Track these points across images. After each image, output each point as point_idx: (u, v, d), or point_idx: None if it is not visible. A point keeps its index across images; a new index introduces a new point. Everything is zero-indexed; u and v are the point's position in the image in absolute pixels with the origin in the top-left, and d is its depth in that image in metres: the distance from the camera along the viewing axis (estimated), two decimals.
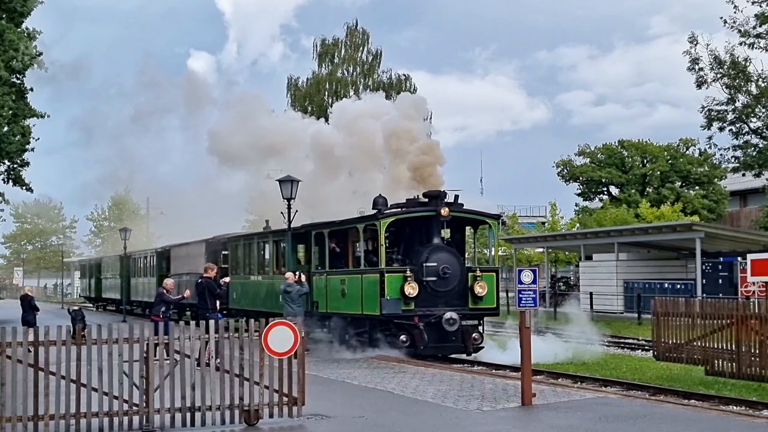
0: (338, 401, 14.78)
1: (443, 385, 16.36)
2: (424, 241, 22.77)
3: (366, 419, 12.98)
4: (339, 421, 12.86)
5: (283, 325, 12.65)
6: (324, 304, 24.82)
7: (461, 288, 22.34)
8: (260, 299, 29.15)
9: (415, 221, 22.82)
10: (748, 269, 23.93)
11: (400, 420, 12.84)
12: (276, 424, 12.40)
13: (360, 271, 23.17)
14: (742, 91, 31.53)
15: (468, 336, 22.07)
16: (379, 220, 22.25)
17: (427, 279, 21.82)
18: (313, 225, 26.00)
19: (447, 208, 22.24)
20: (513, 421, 12.63)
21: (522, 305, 14.26)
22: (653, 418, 12.58)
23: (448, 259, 22.26)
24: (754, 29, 30.92)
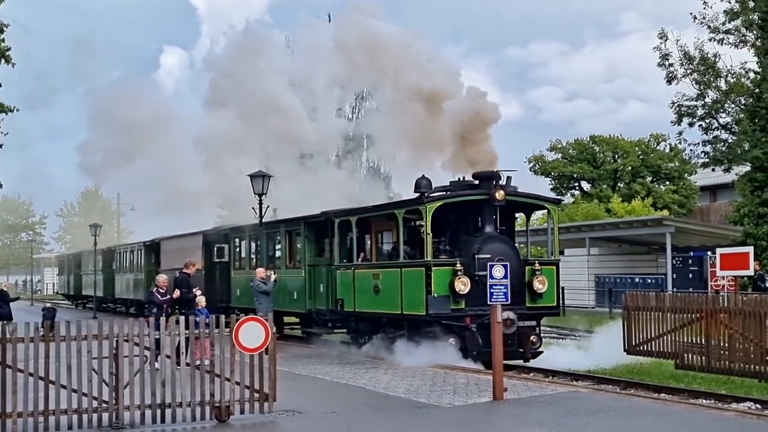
0: (310, 397, 14.75)
1: (416, 380, 16.36)
2: (474, 229, 20.05)
3: (338, 415, 12.95)
4: (310, 416, 12.83)
5: (254, 321, 12.62)
6: (350, 302, 22.00)
7: (518, 284, 19.06)
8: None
9: (463, 206, 19.89)
10: (717, 263, 24.12)
11: (372, 415, 12.83)
12: (247, 420, 12.35)
13: (400, 264, 20.23)
14: (712, 86, 31.73)
15: (525, 339, 19.28)
16: (424, 205, 19.25)
17: (479, 273, 18.53)
18: (335, 212, 23.15)
19: (502, 191, 19.34)
20: (484, 415, 12.65)
21: (493, 300, 14.23)
22: (623, 412, 12.64)
23: (503, 250, 19.33)
24: (723, 25, 31.13)
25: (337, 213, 23.02)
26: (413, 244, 20.72)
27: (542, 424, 11.69)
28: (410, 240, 20.83)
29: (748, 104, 30.99)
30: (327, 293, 23.16)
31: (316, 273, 24.01)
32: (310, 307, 24.10)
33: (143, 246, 41.55)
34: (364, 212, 22.25)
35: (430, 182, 20.17)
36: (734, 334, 17.23)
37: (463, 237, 19.90)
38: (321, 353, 22.36)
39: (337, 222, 22.64)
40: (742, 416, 12.43)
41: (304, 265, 24.38)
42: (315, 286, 24.01)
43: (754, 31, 30.64)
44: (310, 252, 24.39)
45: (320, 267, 23.82)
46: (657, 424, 11.71)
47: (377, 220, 22.18)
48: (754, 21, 30.43)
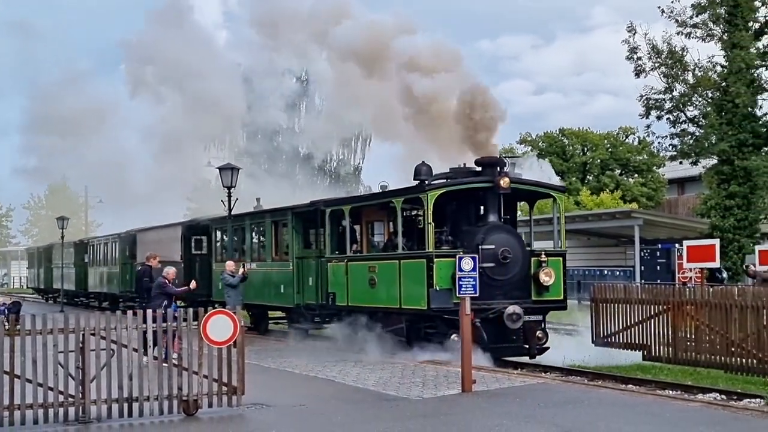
0: (279, 390, 14.72)
1: (385, 372, 16.37)
2: (477, 218, 19.28)
3: (306, 407, 12.94)
4: (279, 409, 12.80)
5: (222, 314, 12.56)
6: (343, 296, 21.07)
7: (523, 276, 18.71)
8: (254, 290, 25.65)
9: (466, 194, 19.05)
10: (683, 256, 24.29)
11: (341, 408, 12.82)
12: (215, 413, 12.30)
13: (398, 255, 19.25)
14: (680, 80, 31.96)
15: (531, 334, 18.41)
16: (425, 193, 18.33)
17: (483, 265, 17.75)
18: (326, 201, 22.42)
19: (507, 178, 18.47)
20: (452, 407, 12.66)
21: (462, 292, 14.24)
22: (591, 403, 12.72)
23: (508, 240, 18.57)
24: (690, 19, 31.38)
25: (328, 202, 22.24)
26: (410, 235, 19.92)
27: (510, 416, 11.74)
28: (407, 231, 19.89)
29: (714, 98, 31.24)
30: (317, 287, 22.36)
31: (304, 265, 23.24)
32: (298, 302, 23.32)
33: (118, 238, 40.28)
34: (359, 201, 21.44)
35: (431, 169, 18.97)
36: (701, 326, 17.38)
37: (466, 227, 19.12)
38: (291, 346, 22.31)
39: (328, 212, 21.78)
40: (707, 407, 12.54)
41: (292, 258, 23.59)
42: (304, 279, 23.21)
43: (721, 25, 30.89)
44: (298, 243, 23.60)
45: (309, 259, 23.07)
46: (624, 415, 11.78)
47: (372, 210, 21.32)
48: (720, 15, 30.68)
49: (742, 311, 16.48)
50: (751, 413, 11.92)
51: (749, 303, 16.44)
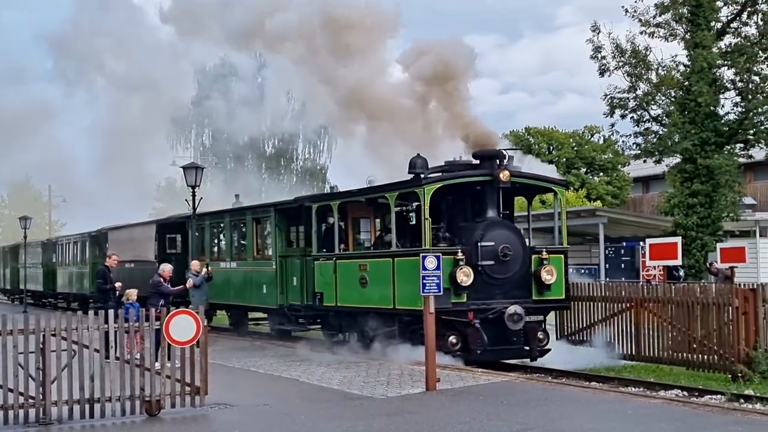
0: (243, 390, 14.68)
1: (350, 371, 16.37)
2: (474, 213, 18.40)
3: (270, 407, 12.92)
4: (243, 409, 12.77)
5: (185, 314, 12.49)
6: (331, 296, 20.12)
7: (523, 274, 17.92)
8: (233, 290, 25.06)
9: (462, 189, 18.20)
10: (647, 253, 24.47)
11: (305, 407, 12.80)
12: (178, 414, 12.25)
13: (392, 253, 18.31)
14: (643, 79, 32.13)
15: (532, 336, 17.66)
16: (422, 187, 17.38)
17: (482, 263, 17.25)
18: (313, 197, 21.85)
19: (507, 171, 17.73)
20: (416, 406, 12.68)
21: (426, 291, 14.21)
22: (554, 401, 12.78)
23: (508, 237, 17.78)
24: (654, 18, 31.56)
25: (314, 198, 21.49)
26: (401, 232, 19.06)
27: (473, 414, 11.77)
28: (398, 227, 19.05)
29: (677, 97, 31.42)
30: (302, 287, 21.57)
31: (288, 265, 22.41)
32: (281, 302, 22.46)
33: (88, 237, 39.01)
34: (349, 197, 20.33)
35: (426, 162, 17.93)
36: (663, 323, 17.53)
37: (463, 223, 18.33)
38: (257, 346, 22.25)
39: (315, 208, 20.92)
40: (668, 403, 12.65)
41: (275, 256, 22.74)
42: (287, 279, 22.38)
43: (684, 25, 31.07)
44: (281, 241, 22.77)
45: (293, 258, 22.30)
46: (586, 412, 11.87)
47: (363, 206, 20.60)
48: (683, 15, 30.86)
49: (705, 308, 16.63)
50: (712, 409, 12.04)
51: (711, 300, 16.59)
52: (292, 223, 23.05)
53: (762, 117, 31.02)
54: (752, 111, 30.69)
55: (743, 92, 31.09)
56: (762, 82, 30.92)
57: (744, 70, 30.71)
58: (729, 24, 31.60)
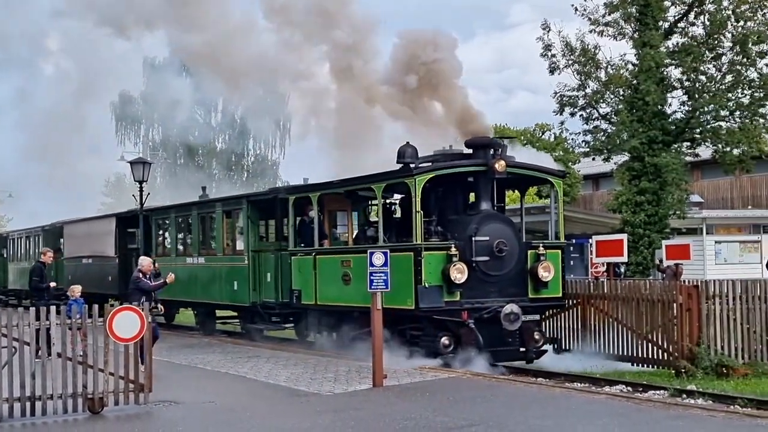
0: (189, 387, 14.58)
1: (297, 368, 16.31)
2: (466, 206, 17.59)
3: (216, 404, 12.82)
4: (187, 406, 12.66)
5: (129, 310, 12.36)
6: (310, 294, 19.01)
7: (519, 271, 16.98)
8: (201, 287, 23.92)
9: (455, 180, 17.19)
10: (593, 250, 24.67)
11: (251, 404, 12.74)
12: (122, 411, 12.11)
13: (379, 248, 16.23)
14: (592, 77, 32.46)
15: (528, 337, 16.74)
16: (413, 177, 16.34)
17: (477, 259, 16.33)
18: (290, 188, 20.45)
19: (502, 161, 16.68)
20: (362, 402, 12.67)
21: (373, 288, 14.18)
22: (500, 397, 12.84)
23: (503, 231, 16.82)
24: (603, 17, 31.89)
25: (292, 189, 20.28)
26: (387, 226, 17.97)
27: (419, 410, 11.78)
28: (391, 220, 18.18)
29: (626, 95, 31.77)
30: (276, 283, 20.57)
31: (261, 260, 21.42)
32: (254, 300, 21.40)
33: (41, 231, 37.55)
34: (331, 188, 19.02)
35: (416, 151, 16.85)
36: (609, 319, 17.69)
37: (455, 216, 17.36)
38: (205, 343, 22.10)
39: (292, 200, 19.80)
40: (612, 399, 12.77)
41: (247, 251, 21.64)
42: (261, 275, 21.35)
43: (632, 24, 31.43)
44: (254, 235, 21.69)
45: (267, 253, 21.30)
46: (531, 408, 11.93)
47: (340, 198, 19.45)
48: (632, 14, 31.21)
49: (653, 305, 16.82)
50: (654, 405, 12.16)
51: (656, 297, 16.78)
52: (265, 215, 22.16)
53: (708, 116, 31.51)
54: (699, 110, 31.15)
55: (690, 91, 31.56)
56: (708, 82, 31.40)
57: (691, 70, 31.15)
58: (676, 24, 32.03)
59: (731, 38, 31.11)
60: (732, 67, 31.19)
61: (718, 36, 31.23)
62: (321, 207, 19.58)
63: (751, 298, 16.70)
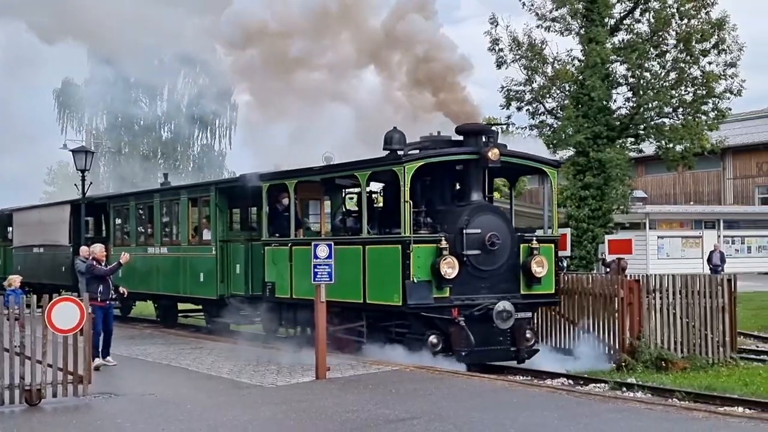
0: (129, 379, 14.42)
1: (240, 360, 16.19)
2: (454, 196, 16.65)
3: (156, 396, 12.69)
4: (127, 399, 12.52)
5: (68, 301, 12.19)
6: (285, 287, 17.96)
7: (511, 266, 16.07)
8: (163, 278, 22.99)
9: (444, 168, 16.24)
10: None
11: (192, 396, 12.63)
12: (60, 403, 11.94)
13: (363, 240, 16.28)
14: (539, 72, 32.69)
15: (520, 335, 15.90)
16: (402, 165, 15.34)
17: (468, 253, 15.47)
18: (264, 175, 18.93)
19: (496, 149, 15.67)
20: (305, 395, 12.61)
21: (317, 280, 14.13)
22: (442, 391, 12.84)
23: (496, 224, 15.88)
24: (550, 13, 32.14)
25: (266, 176, 18.88)
26: (374, 216, 17.03)
27: (362, 403, 11.77)
28: (374, 209, 17.20)
29: (572, 91, 32.06)
30: (246, 275, 19.68)
31: (230, 250, 20.44)
32: (222, 293, 20.44)
33: None
34: (310, 174, 17.84)
35: (404, 136, 15.82)
36: (553, 313, 17.85)
37: (444, 207, 16.40)
38: (147, 334, 21.88)
39: (266, 187, 18.72)
40: (553, 392, 12.86)
41: (215, 241, 20.61)
42: (229, 266, 20.38)
43: (579, 20, 31.70)
44: (222, 224, 20.68)
45: (236, 243, 20.40)
46: (473, 401, 11.96)
47: (314, 186, 18.59)
48: (578, 10, 31.46)
49: (595, 299, 16.99)
50: (594, 398, 12.30)
51: (598, 291, 16.96)
52: (235, 203, 21.26)
53: (652, 112, 31.91)
54: (643, 106, 31.52)
55: (634, 88, 31.91)
56: (652, 79, 31.78)
57: (635, 66, 31.50)
58: (622, 21, 32.37)
59: (675, 36, 31.52)
60: (675, 65, 31.61)
61: (662, 33, 31.62)
62: (297, 195, 18.74)
63: (691, 292, 16.97)
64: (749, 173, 54.07)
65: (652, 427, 10.30)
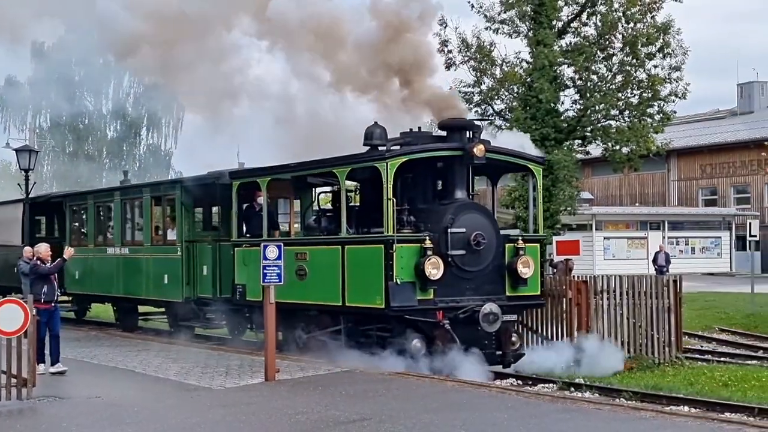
0: (75, 382, 14.20)
1: (188, 362, 16.05)
2: (435, 194, 16.07)
3: (102, 399, 12.52)
4: (73, 402, 12.33)
5: (11, 303, 11.99)
6: (256, 289, 16.44)
7: (496, 266, 15.56)
8: (123, 280, 22.19)
9: (427, 165, 15.72)
10: None
11: (139, 399, 12.47)
12: (4, 407, 11.74)
13: (342, 240, 15.64)
14: (488, 74, 32.78)
15: (506, 339, 15.47)
16: (385, 161, 14.79)
17: (452, 253, 14.95)
18: (234, 172, 18.42)
19: (482, 145, 15.18)
20: (254, 397, 12.53)
21: (266, 281, 14.04)
22: (392, 392, 12.83)
23: (481, 223, 15.36)
24: (498, 15, 32.25)
25: (236, 173, 18.33)
26: (335, 216, 16.55)
27: (312, 405, 11.71)
28: (336, 212, 16.63)
29: (520, 93, 32.21)
30: (214, 277, 18.96)
31: (198, 251, 19.67)
32: (188, 295, 19.68)
33: None
34: (285, 172, 17.21)
35: (385, 132, 15.36)
36: None
37: (426, 205, 15.84)
38: (92, 336, 21.60)
39: (236, 185, 18.03)
40: (503, 393, 12.91)
41: (181, 241, 19.84)
42: (196, 268, 19.64)
43: (527, 23, 31.86)
44: (189, 224, 19.91)
45: (203, 243, 19.64)
46: (423, 403, 11.95)
47: (284, 185, 18.05)
48: (526, 13, 31.61)
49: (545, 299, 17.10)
50: (543, 398, 12.38)
51: (546, 292, 17.06)
52: (202, 202, 20.48)
53: (599, 115, 32.19)
54: (590, 109, 31.77)
55: (582, 90, 32.16)
56: (599, 81, 32.06)
57: (583, 69, 31.74)
58: (569, 23, 32.59)
59: (621, 39, 31.84)
60: (622, 68, 31.90)
61: (609, 37, 31.90)
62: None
63: (638, 293, 17.17)
64: (693, 175, 54.94)
65: (600, 427, 10.39)
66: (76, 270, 23.53)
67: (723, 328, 25.27)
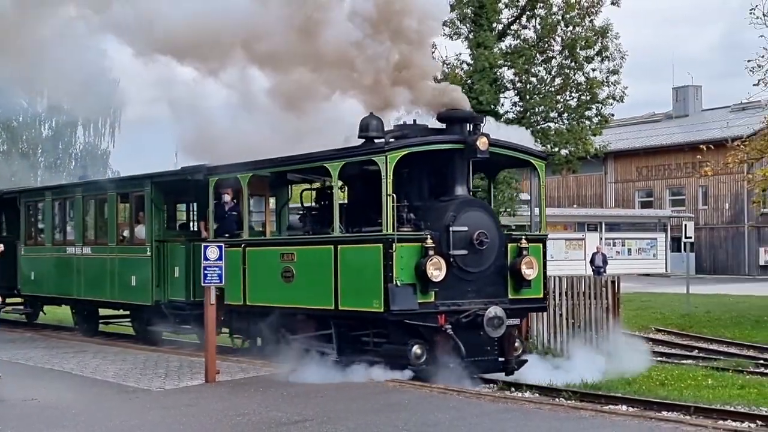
0: (10, 384, 13.83)
1: (126, 364, 15.86)
2: (435, 190, 14.80)
3: (38, 402, 12.31)
4: (7, 405, 12.08)
5: None
6: (237, 292, 15.86)
7: (499, 267, 14.50)
8: (84, 282, 20.78)
9: (426, 159, 14.47)
10: None
11: (75, 402, 12.28)
12: None
13: (335, 239, 14.39)
14: None
15: (509, 344, 14.49)
16: (384, 154, 13.65)
17: (454, 253, 13.87)
18: (211, 168, 16.89)
19: (485, 138, 14.06)
20: (193, 398, 12.42)
21: (207, 282, 13.92)
22: (334, 392, 12.80)
23: (484, 221, 14.29)
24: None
25: (213, 169, 16.82)
26: (324, 215, 15.65)
27: (252, 406, 11.64)
28: (321, 209, 15.84)
29: None
30: (187, 279, 17.70)
31: (169, 251, 18.46)
32: (158, 298, 18.38)
33: None
34: (268, 166, 16.01)
35: (382, 123, 14.32)
36: None
37: (424, 202, 14.67)
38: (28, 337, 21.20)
39: (213, 181, 16.79)
40: (444, 393, 12.82)
41: (150, 241, 18.60)
42: (167, 269, 18.41)
43: (468, 25, 32.09)
44: (159, 223, 18.73)
45: (175, 244, 18.43)
46: (364, 404, 11.95)
47: (259, 182, 16.79)
48: (467, 15, 31.86)
49: None
50: (484, 398, 12.42)
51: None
52: (174, 199, 19.50)
53: (538, 117, 32.54)
54: (529, 111, 32.12)
55: (521, 92, 32.50)
56: (539, 84, 32.42)
57: (522, 71, 32.07)
58: (510, 26, 32.90)
59: (561, 42, 32.22)
60: (561, 71, 32.32)
61: (548, 40, 32.29)
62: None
63: (577, 294, 17.34)
64: (630, 177, 55.79)
65: (541, 426, 10.46)
66: (32, 270, 22.66)
67: (659, 328, 25.65)
